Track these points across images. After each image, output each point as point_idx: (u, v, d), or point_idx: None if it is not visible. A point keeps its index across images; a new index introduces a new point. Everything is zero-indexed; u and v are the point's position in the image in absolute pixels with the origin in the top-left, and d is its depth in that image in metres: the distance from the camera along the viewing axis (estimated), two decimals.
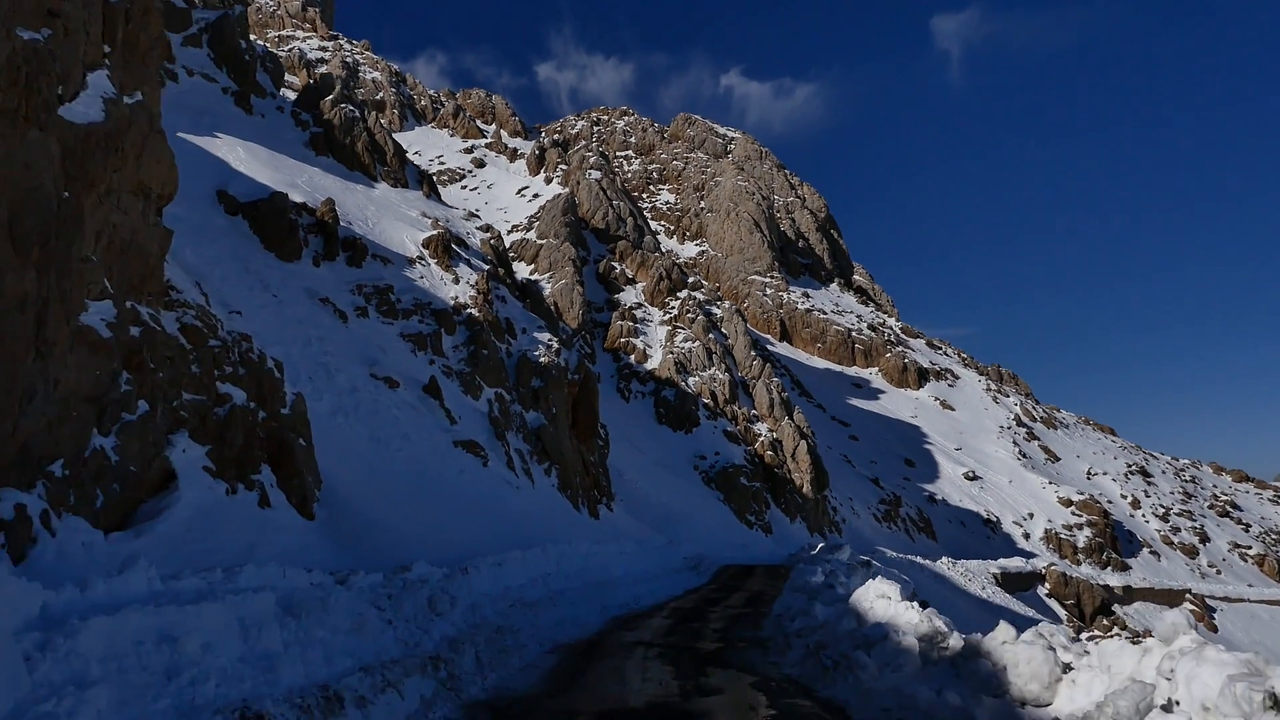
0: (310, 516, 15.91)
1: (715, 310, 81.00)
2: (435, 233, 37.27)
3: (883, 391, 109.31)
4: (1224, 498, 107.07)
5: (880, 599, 11.36)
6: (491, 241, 41.52)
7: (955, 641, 8.34)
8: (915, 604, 10.61)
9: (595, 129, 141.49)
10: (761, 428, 72.47)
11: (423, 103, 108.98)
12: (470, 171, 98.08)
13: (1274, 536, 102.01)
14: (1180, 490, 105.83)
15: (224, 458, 14.23)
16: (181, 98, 40.86)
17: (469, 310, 34.19)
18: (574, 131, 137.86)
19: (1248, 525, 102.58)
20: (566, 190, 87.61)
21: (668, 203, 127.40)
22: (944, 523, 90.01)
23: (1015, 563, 75.43)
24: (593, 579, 20.66)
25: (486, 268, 38.14)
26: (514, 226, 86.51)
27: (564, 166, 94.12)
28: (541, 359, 34.72)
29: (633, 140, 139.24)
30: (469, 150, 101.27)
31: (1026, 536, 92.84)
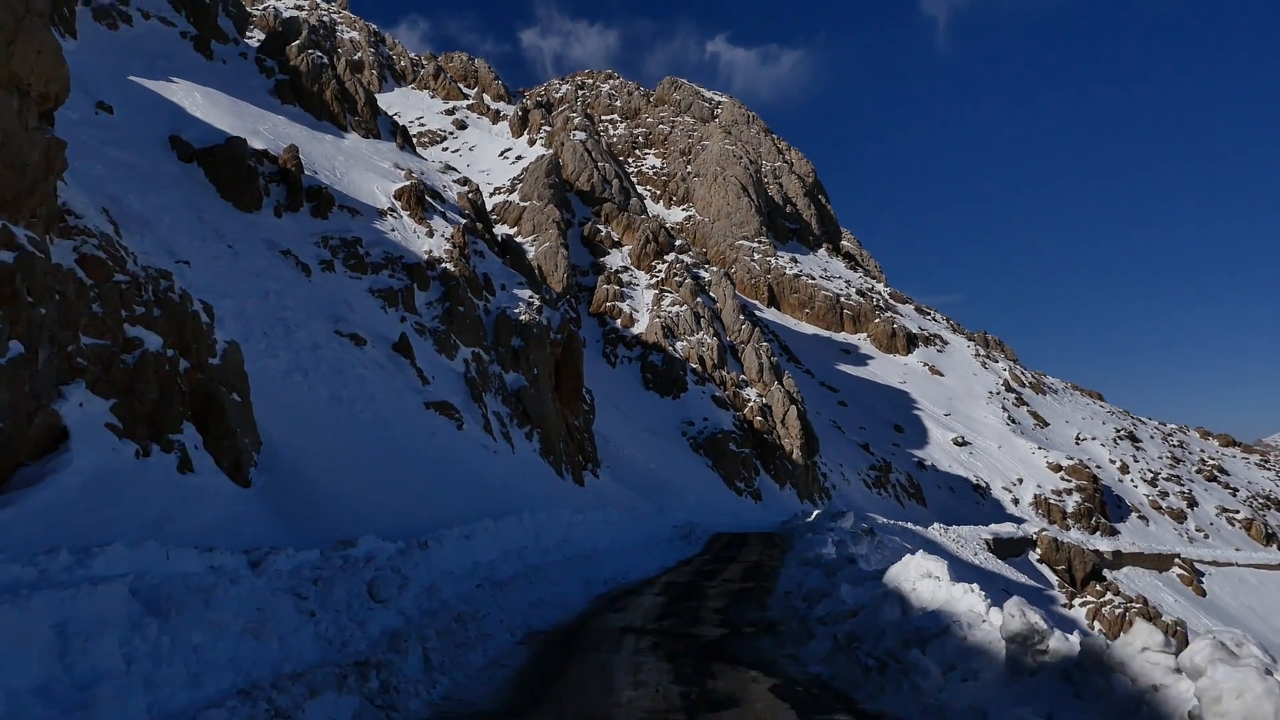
0: (245, 484, 13.54)
1: (703, 274, 78.57)
2: (408, 183, 34.63)
3: (871, 357, 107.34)
4: (1211, 462, 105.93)
5: (925, 579, 9.10)
6: (469, 195, 38.88)
7: (1060, 644, 6.11)
8: (975, 588, 8.36)
9: (580, 93, 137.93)
10: (751, 393, 70.33)
11: (402, 64, 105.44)
12: (451, 133, 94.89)
13: (1261, 501, 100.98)
14: (1168, 455, 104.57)
15: (134, 414, 11.82)
16: (135, 42, 37.94)
17: (444, 265, 31.67)
18: (558, 95, 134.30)
19: (1235, 490, 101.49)
20: (550, 151, 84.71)
21: (654, 167, 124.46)
22: (933, 489, 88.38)
23: (1006, 528, 73.81)
24: (576, 551, 18.42)
25: (463, 221, 35.58)
26: (496, 189, 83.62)
27: (548, 128, 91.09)
28: (522, 317, 32.28)
29: (618, 104, 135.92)
30: (450, 112, 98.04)
31: (1016, 502, 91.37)
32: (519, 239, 76.56)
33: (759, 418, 68.53)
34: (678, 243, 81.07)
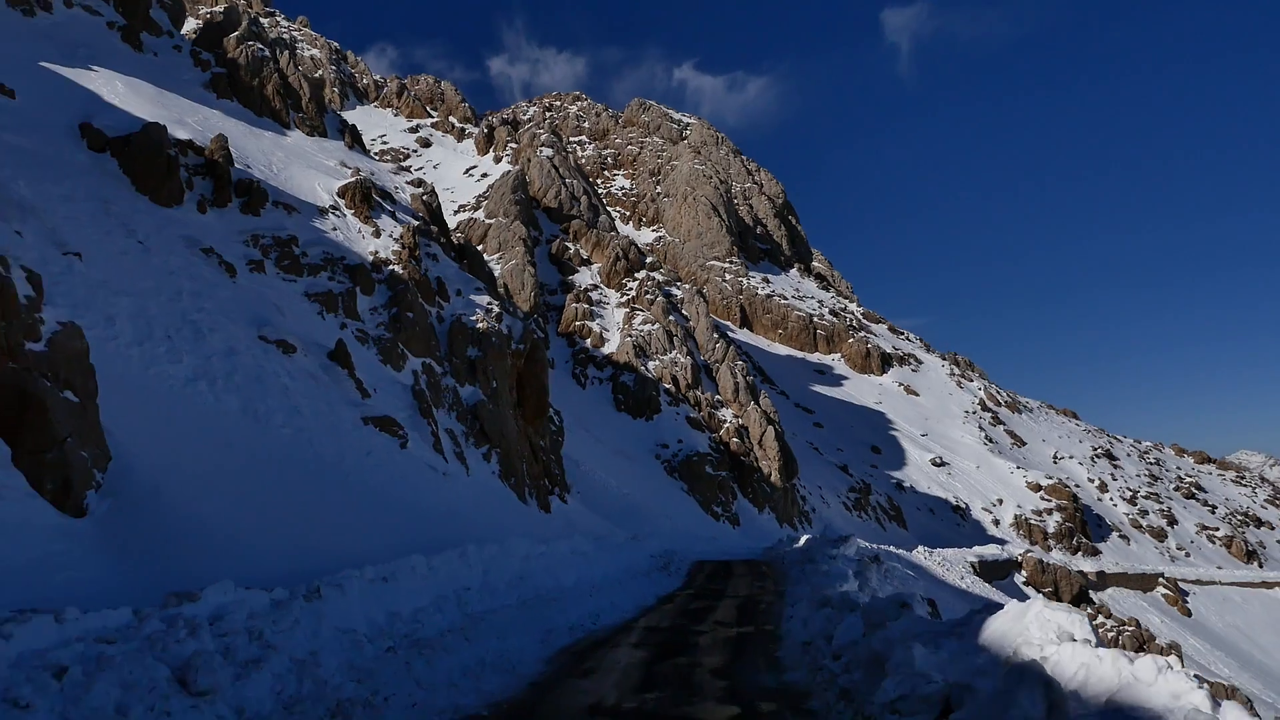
0: (77, 511, 9.87)
1: (675, 291, 75.35)
2: (353, 179, 31.05)
3: (846, 378, 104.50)
4: (1188, 480, 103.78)
5: (1063, 643, 5.66)
6: (424, 197, 35.33)
7: None
8: (1173, 663, 4.94)
9: (547, 115, 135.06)
10: (726, 413, 66.97)
11: (365, 82, 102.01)
12: (415, 151, 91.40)
13: (1239, 518, 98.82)
14: (1146, 473, 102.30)
15: None
16: (54, 29, 34.18)
17: (391, 267, 28.06)
18: (525, 117, 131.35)
19: (1214, 507, 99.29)
20: (516, 168, 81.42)
21: (623, 188, 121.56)
22: (913, 510, 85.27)
23: (991, 550, 70.71)
24: (535, 591, 14.79)
25: (415, 223, 32.02)
26: (461, 206, 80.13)
27: (514, 145, 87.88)
28: (479, 325, 28.71)
29: (586, 125, 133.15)
30: (414, 130, 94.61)
31: (996, 523, 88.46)
32: (484, 256, 72.99)
33: (735, 439, 65.15)
34: (648, 260, 77.84)
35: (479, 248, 73.92)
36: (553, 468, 31.53)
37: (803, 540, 33.17)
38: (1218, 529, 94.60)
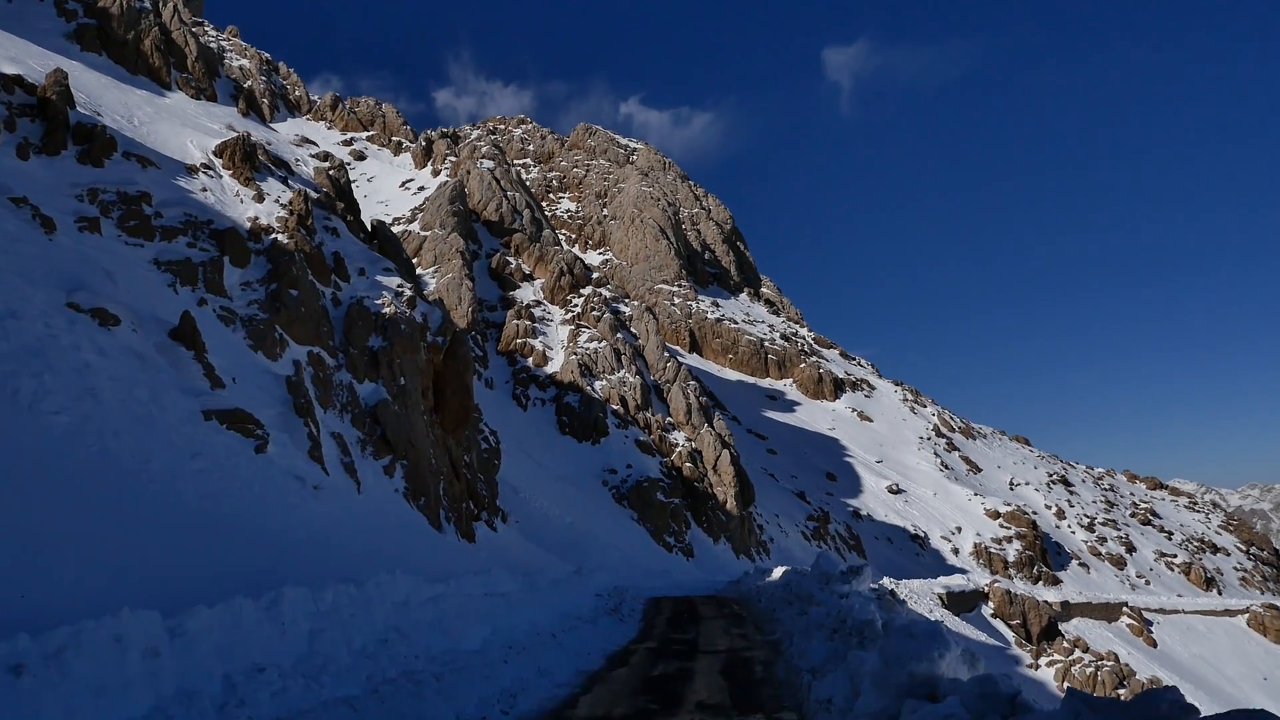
0: None
1: (623, 309, 69.88)
2: (234, 136, 25.11)
3: (798, 403, 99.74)
4: (1144, 505, 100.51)
5: None
6: (331, 172, 29.37)
7: None
8: None
9: (491, 137, 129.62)
10: (678, 436, 61.40)
11: (297, 94, 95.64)
12: (348, 164, 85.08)
13: (1196, 544, 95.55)
14: (1102, 499, 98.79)
15: None
16: None
17: (275, 236, 22.13)
18: (469, 139, 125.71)
19: (1170, 533, 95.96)
20: (455, 179, 75.65)
21: (569, 210, 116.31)
22: (870, 539, 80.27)
23: (958, 581, 65.83)
24: (406, 664, 8.93)
25: (315, 196, 26.13)
26: (396, 219, 74.02)
27: (453, 159, 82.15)
28: (385, 309, 22.84)
29: (531, 149, 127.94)
30: (348, 143, 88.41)
31: (956, 552, 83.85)
32: (419, 271, 66.93)
33: (688, 464, 59.57)
34: (594, 275, 72.34)
35: (413, 260, 67.82)
36: (480, 489, 25.62)
37: (778, 573, 27.58)
38: (1175, 556, 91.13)
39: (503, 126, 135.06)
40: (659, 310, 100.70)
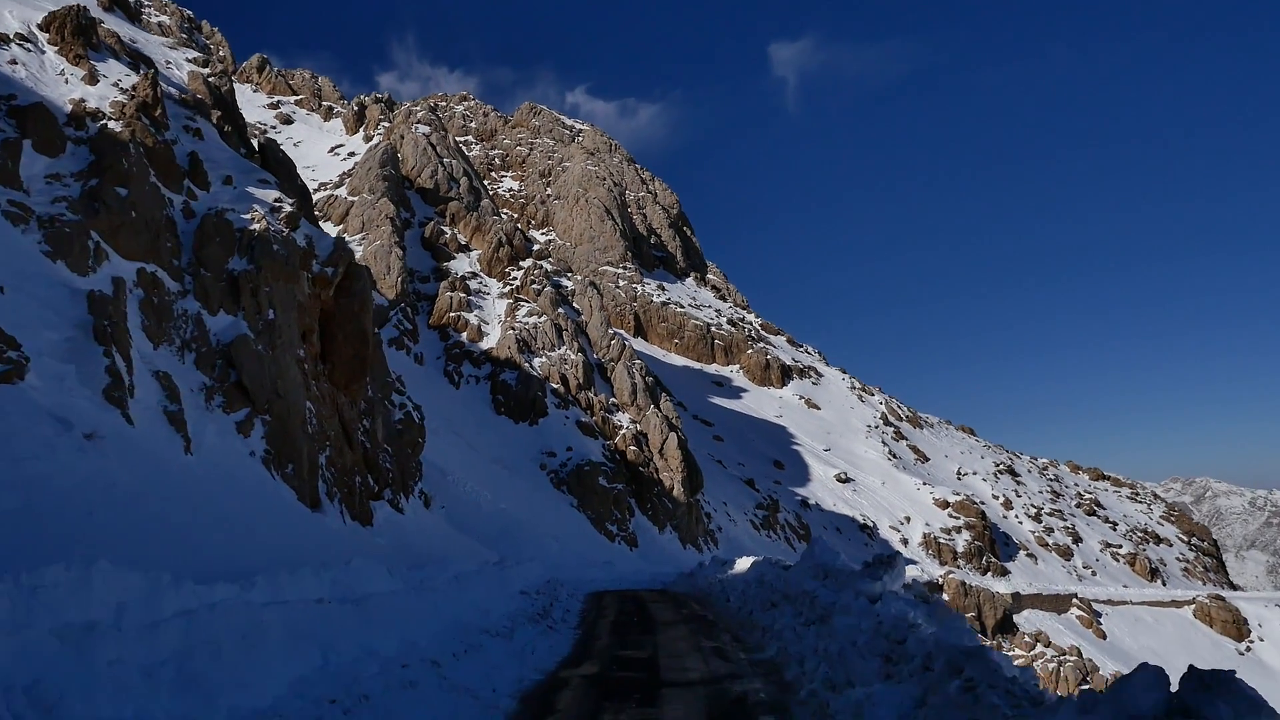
0: None
1: (566, 283, 64.69)
2: (68, 6, 19.46)
3: (745, 390, 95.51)
4: (1088, 496, 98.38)
5: None
6: (210, 78, 23.68)
7: None
8: None
9: (432, 115, 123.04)
10: (623, 418, 56.48)
11: (221, 53, 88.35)
12: (272, 127, 78.41)
13: (1139, 535, 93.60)
14: (1048, 489, 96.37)
15: None
16: None
17: (105, 123, 16.66)
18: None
19: (1114, 524, 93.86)
20: (387, 142, 69.64)
21: (511, 190, 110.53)
22: (819, 529, 76.29)
23: (912, 572, 62.27)
24: None
25: (181, 96, 20.60)
26: (322, 185, 67.85)
27: (387, 125, 76.06)
28: (254, 225, 17.50)
29: (473, 125, 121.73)
30: (274, 106, 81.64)
31: (905, 542, 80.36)
32: (347, 239, 60.99)
33: (633, 447, 54.69)
34: (535, 248, 67.02)
35: (339, 228, 61.92)
36: (384, 462, 20.39)
37: (743, 564, 22.84)
38: (1121, 546, 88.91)
39: (444, 103, 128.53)
40: (604, 292, 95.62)
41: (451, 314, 58.12)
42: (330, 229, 61.65)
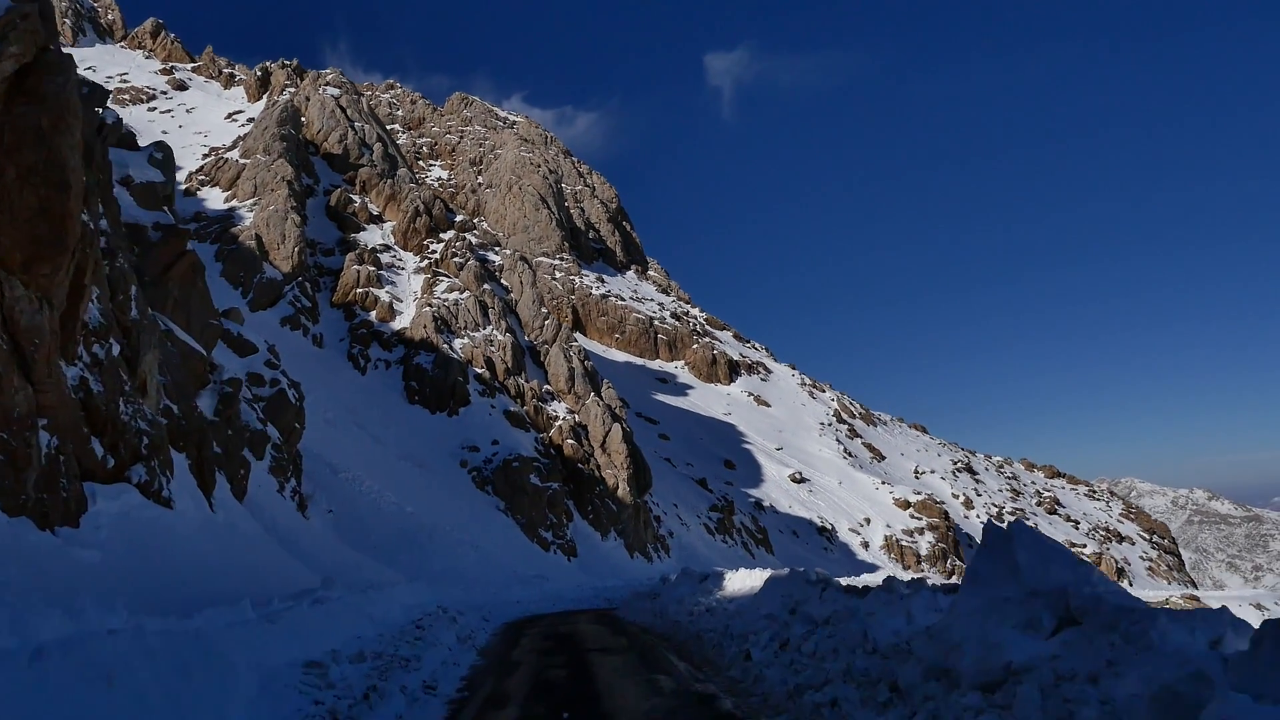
0: None
1: (493, 258, 55.68)
2: None
3: (691, 387, 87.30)
4: (1047, 494, 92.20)
5: None
6: None
7: None
8: None
9: (344, 80, 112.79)
10: (559, 408, 47.59)
11: (110, 17, 77.48)
12: (164, 92, 67.93)
13: (1102, 533, 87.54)
14: (1007, 488, 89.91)
15: None
16: None
17: None
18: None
19: (1076, 522, 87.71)
20: (288, 100, 59.90)
21: (440, 179, 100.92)
22: (775, 533, 68.23)
23: (881, 580, 54.45)
24: None
25: None
26: (213, 149, 57.84)
27: (293, 90, 66.21)
28: None
29: (400, 114, 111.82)
30: (168, 71, 71.10)
31: (866, 545, 72.72)
32: (234, 203, 51.14)
33: (570, 440, 45.81)
34: (459, 218, 57.92)
35: (228, 194, 52.01)
36: (133, 424, 11.38)
37: (747, 581, 14.36)
38: (1085, 546, 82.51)
39: (370, 91, 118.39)
40: (539, 284, 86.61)
41: (359, 290, 48.68)
42: (218, 195, 51.83)
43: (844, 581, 39.31)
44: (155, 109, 64.21)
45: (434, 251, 52.58)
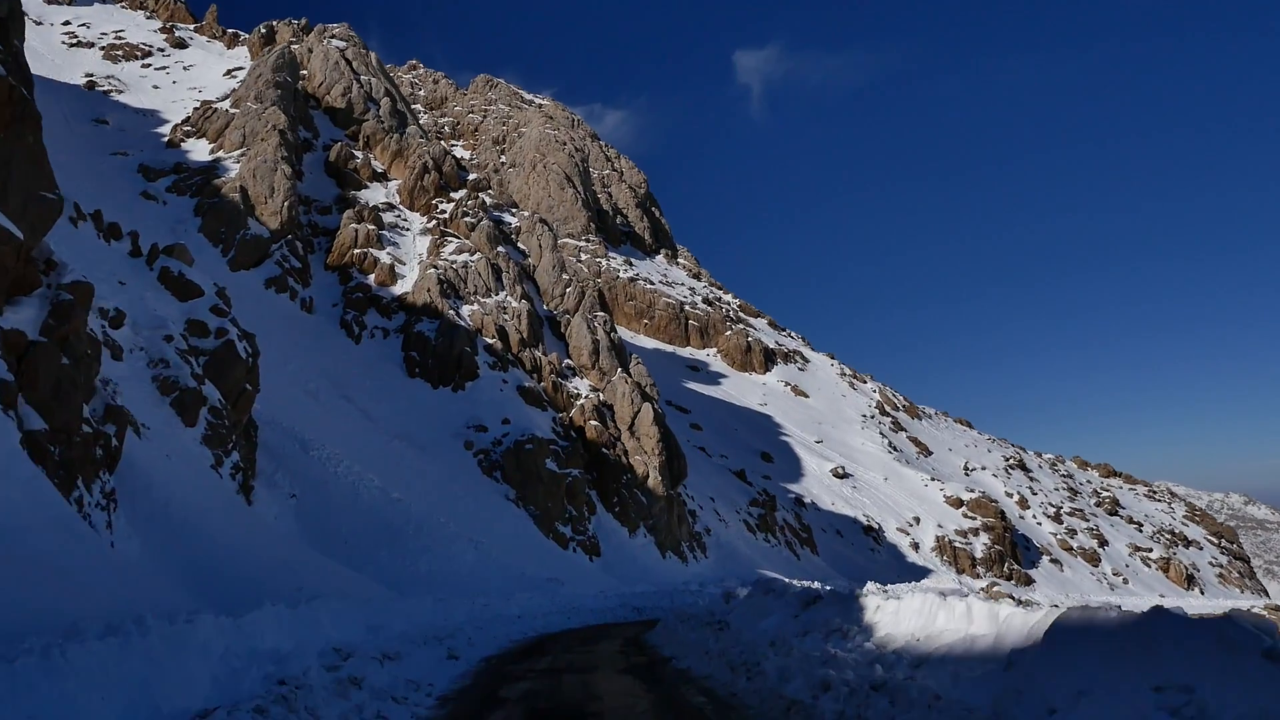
0: None
1: (509, 219, 48.91)
2: None
3: (724, 375, 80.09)
4: (1105, 495, 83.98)
5: None
6: None
7: None
8: None
9: (352, 34, 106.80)
10: (581, 385, 40.69)
11: None
12: (161, 50, 61.92)
13: (1167, 537, 79.22)
14: (1063, 486, 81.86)
15: None
16: None
17: None
18: None
19: (1139, 524, 79.44)
20: (286, 47, 53.46)
21: (462, 159, 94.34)
22: (818, 532, 60.93)
23: (949, 586, 46.95)
24: None
25: None
26: (205, 102, 51.52)
27: (297, 45, 59.87)
28: None
29: (422, 94, 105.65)
30: (168, 30, 65.09)
31: (915, 546, 65.17)
32: (220, 154, 44.70)
33: (594, 422, 38.92)
34: (471, 177, 51.19)
35: (214, 144, 45.58)
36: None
37: (946, 626, 7.38)
38: (1150, 550, 74.34)
39: (393, 73, 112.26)
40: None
41: (356, 251, 42.07)
42: (203, 147, 45.43)
43: (901, 588, 31.09)
44: (150, 65, 58.23)
45: (443, 212, 45.89)
